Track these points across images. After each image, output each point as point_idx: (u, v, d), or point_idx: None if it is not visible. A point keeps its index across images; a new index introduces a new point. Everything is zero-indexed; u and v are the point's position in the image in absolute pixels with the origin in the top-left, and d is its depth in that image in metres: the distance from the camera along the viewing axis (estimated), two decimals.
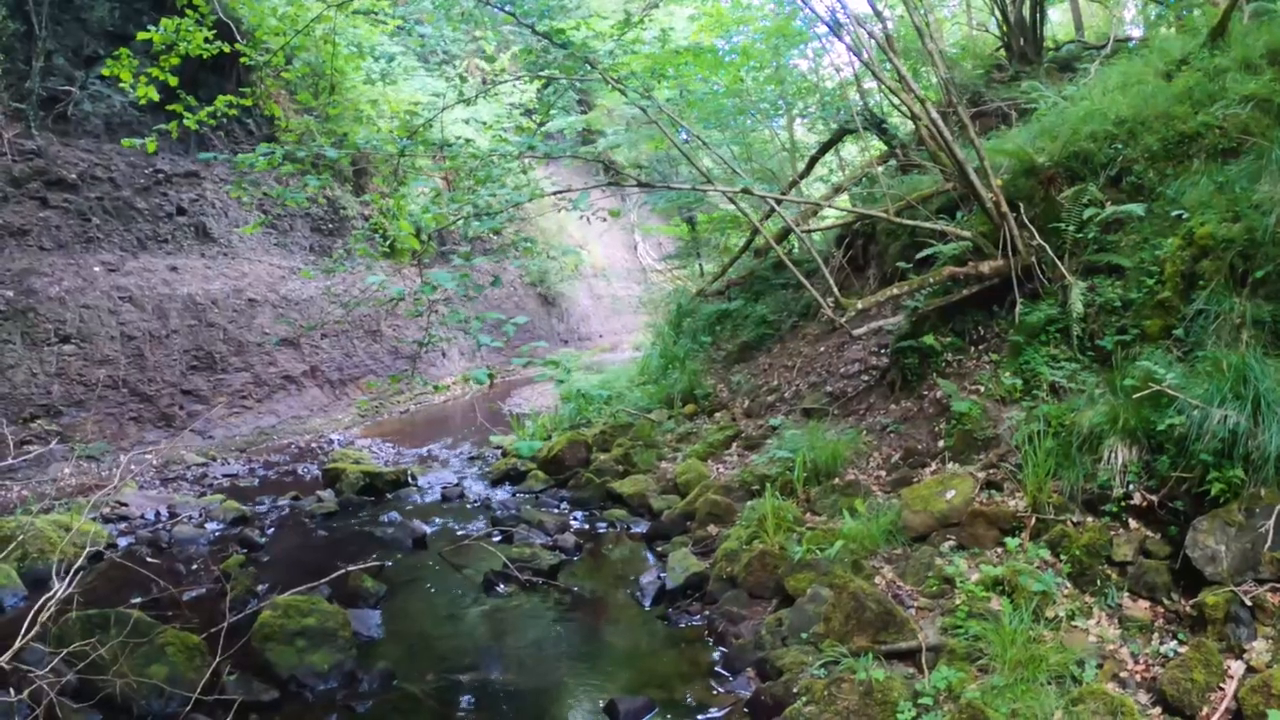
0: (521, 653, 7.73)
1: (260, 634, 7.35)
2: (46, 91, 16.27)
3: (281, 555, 10.51)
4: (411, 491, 13.14)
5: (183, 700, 6.61)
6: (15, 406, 14.18)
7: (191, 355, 17.24)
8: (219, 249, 18.87)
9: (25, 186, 15.66)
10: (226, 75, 17.71)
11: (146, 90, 9.78)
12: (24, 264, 15.21)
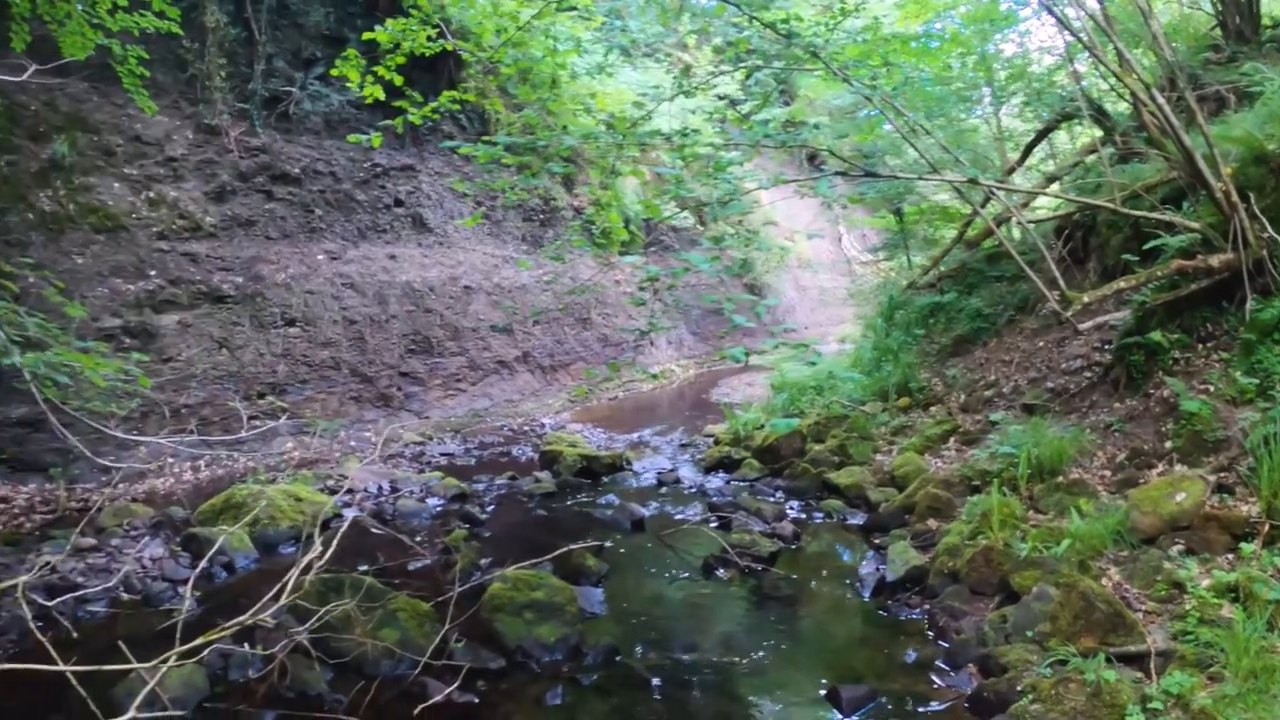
0: (741, 636, 7.65)
1: (490, 605, 7.50)
2: (268, 92, 17.15)
3: (502, 532, 10.66)
4: (627, 476, 13.18)
5: (412, 663, 6.80)
6: (244, 384, 14.94)
7: (409, 339, 17.76)
8: (435, 238, 19.41)
9: (252, 181, 16.52)
10: (439, 73, 18.12)
11: (373, 90, 10.01)
12: (252, 252, 16.02)
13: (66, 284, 12.66)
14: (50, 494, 11.46)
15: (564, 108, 20.45)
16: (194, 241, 15.32)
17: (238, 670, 6.87)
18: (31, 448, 11.96)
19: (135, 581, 8.98)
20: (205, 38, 16.03)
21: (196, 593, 8.35)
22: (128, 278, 14.14)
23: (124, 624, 8.09)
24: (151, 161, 15.27)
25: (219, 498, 10.71)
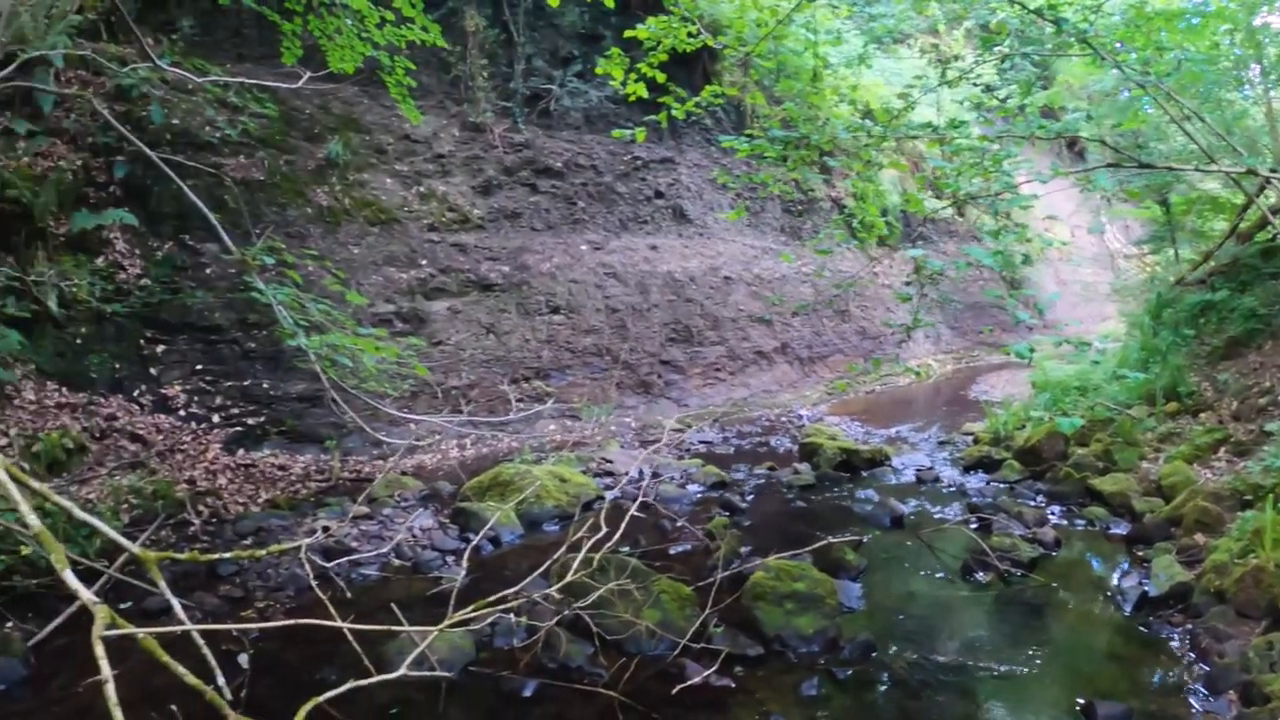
0: (997, 641, 7.39)
1: (751, 592, 7.48)
2: (529, 90, 17.67)
3: (761, 521, 10.59)
4: (885, 471, 12.88)
5: (671, 645, 6.85)
6: (510, 368, 15.46)
7: (670, 328, 17.92)
8: (695, 229, 19.53)
9: (516, 175, 17.07)
10: (693, 67, 18.20)
11: (636, 88, 10.08)
12: (518, 243, 16.54)
13: (344, 272, 13.37)
14: (325, 464, 12.18)
15: (824, 100, 20.22)
16: (462, 233, 15.94)
17: (503, 638, 7.12)
18: (309, 421, 12.76)
19: (406, 549, 9.41)
20: (466, 41, 16.68)
21: (464, 564, 8.67)
22: (400, 267, 14.83)
23: (394, 588, 8.46)
24: (421, 158, 15.97)
25: (487, 475, 11.05)
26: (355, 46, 11.62)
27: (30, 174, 12.06)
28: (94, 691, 6.41)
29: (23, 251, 11.71)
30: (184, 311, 12.45)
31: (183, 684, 4.99)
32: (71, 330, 11.70)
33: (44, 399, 11.03)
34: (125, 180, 12.81)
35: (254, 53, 14.33)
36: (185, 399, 12.02)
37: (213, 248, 12.69)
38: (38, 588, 7.86)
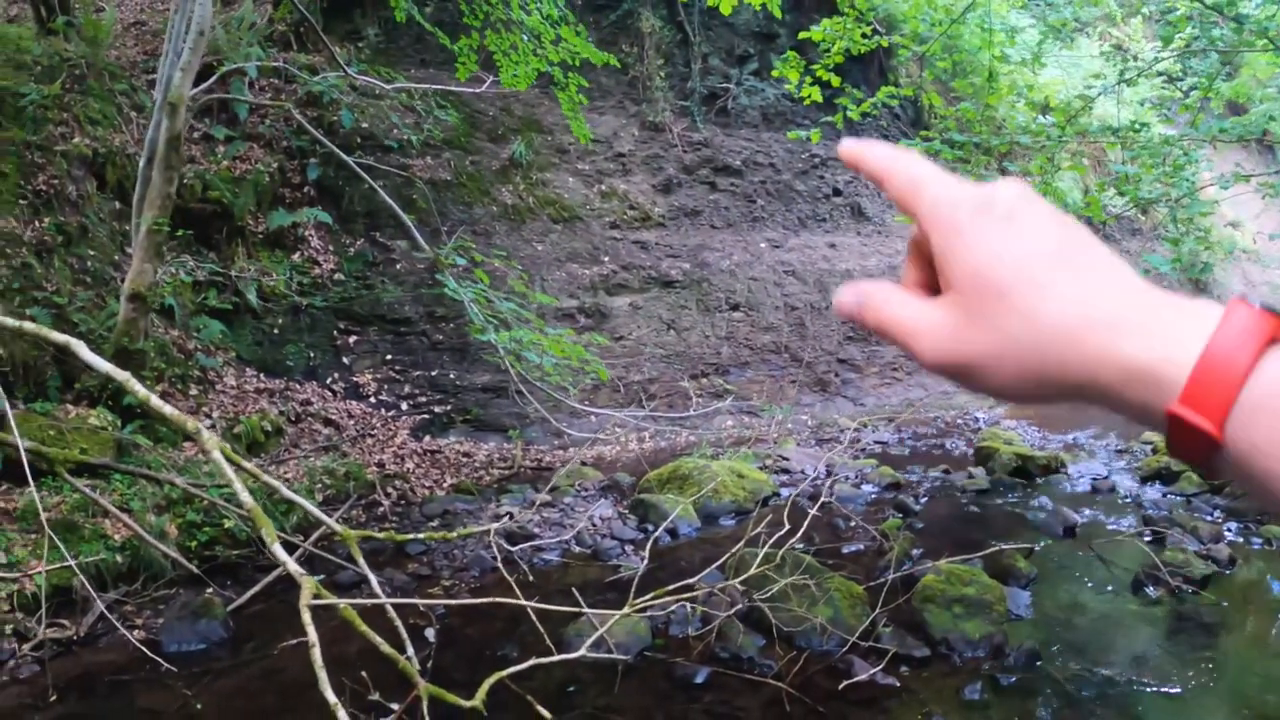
0: (1164, 659, 7.14)
1: (921, 595, 7.43)
2: (706, 89, 17.80)
3: (933, 524, 10.46)
4: (1061, 479, 12.52)
5: (840, 641, 6.84)
6: (689, 364, 15.57)
7: (848, 326, 17.78)
8: (873, 227, 19.36)
9: (696, 173, 17.21)
10: (869, 63, 18.05)
11: (811, 91, 10.08)
12: (698, 240, 16.67)
13: (528, 269, 13.73)
14: (507, 453, 12.51)
15: (1001, 100, 19.78)
16: (644, 230, 16.18)
17: (678, 627, 7.26)
18: (493, 411, 13.17)
19: (587, 537, 9.62)
20: (643, 42, 16.90)
21: (642, 553, 8.83)
22: (583, 263, 15.15)
23: (574, 574, 8.68)
24: (601, 158, 16.26)
25: (666, 468, 11.17)
26: (530, 63, 11.88)
27: (230, 176, 12.78)
28: (287, 654, 6.83)
29: (224, 248, 12.44)
30: (375, 304, 13.06)
31: (372, 653, 5.24)
32: (269, 321, 12.42)
33: (244, 384, 11.68)
34: (318, 181, 13.48)
35: (436, 58, 14.83)
36: (375, 387, 12.58)
37: (402, 244, 13.23)
38: (237, 558, 8.57)
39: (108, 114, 12.44)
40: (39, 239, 10.59)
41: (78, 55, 12.35)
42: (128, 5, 15.95)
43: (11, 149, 10.79)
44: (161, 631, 7.40)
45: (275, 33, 15.12)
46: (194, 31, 9.93)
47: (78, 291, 10.70)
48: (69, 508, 8.14)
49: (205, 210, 12.35)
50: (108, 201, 11.90)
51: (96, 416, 9.38)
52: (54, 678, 6.78)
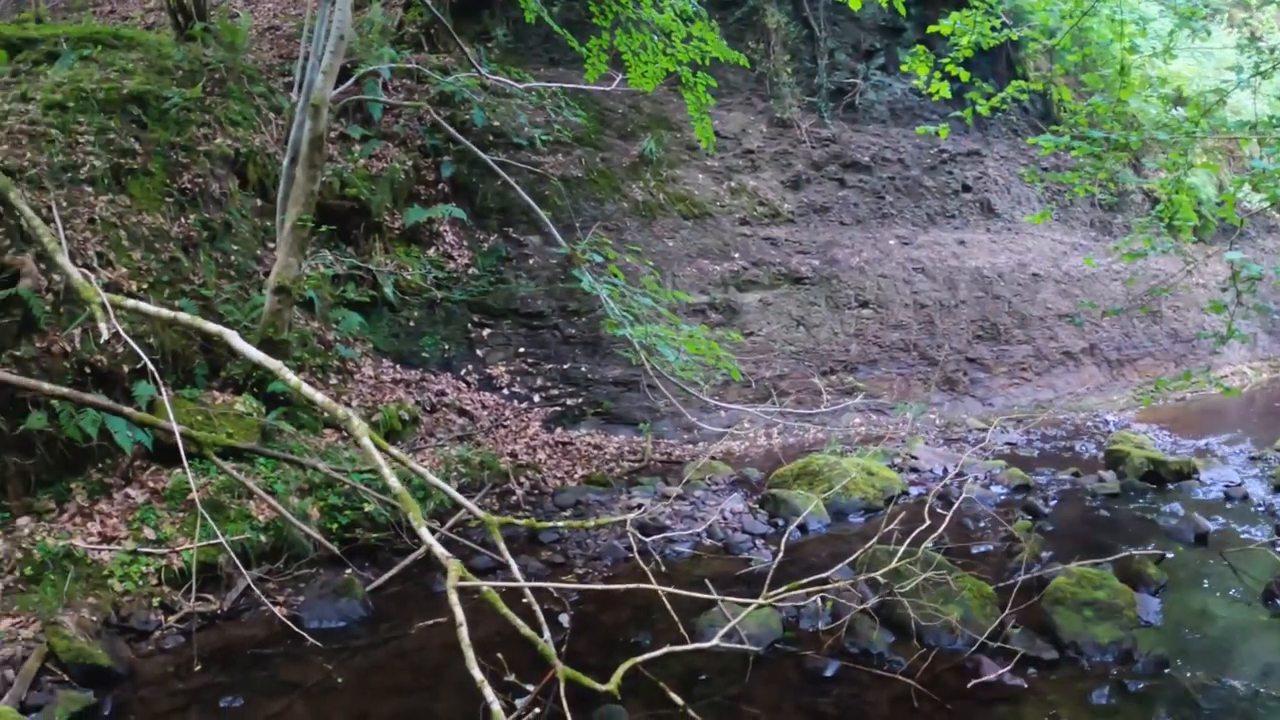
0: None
1: (1051, 597, 7.35)
2: (833, 85, 17.74)
3: (1063, 527, 10.31)
4: (1192, 485, 12.18)
5: (969, 641, 6.86)
6: (818, 360, 15.55)
7: (977, 325, 17.58)
8: (1002, 224, 19.09)
9: (824, 169, 17.22)
10: (996, 56, 17.81)
11: (939, 87, 10.00)
12: (827, 237, 16.67)
13: (659, 265, 13.88)
14: (637, 446, 12.64)
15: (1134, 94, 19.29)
16: (773, 226, 16.22)
17: (808, 620, 7.35)
18: (624, 404, 13.34)
19: (718, 531, 9.69)
20: (769, 38, 16.90)
21: (772, 547, 8.93)
22: (713, 259, 15.25)
23: (705, 566, 8.76)
24: (730, 154, 16.33)
25: (796, 464, 11.19)
26: (659, 62, 11.95)
27: (367, 174, 13.18)
28: (423, 634, 7.27)
29: (362, 243, 12.84)
30: (508, 298, 13.34)
31: (506, 636, 5.54)
32: (405, 314, 12.79)
33: (381, 375, 12.03)
34: (452, 178, 13.83)
35: (565, 57, 14.99)
36: (508, 379, 12.85)
37: (535, 240, 13.49)
38: (376, 541, 8.89)
39: (247, 115, 12.93)
40: (185, 234, 11.06)
41: (216, 60, 12.88)
42: (260, 11, 16.49)
43: (157, 149, 11.27)
44: (303, 609, 7.74)
45: (405, 35, 15.52)
46: (334, 36, 10.27)
47: (223, 284, 11.15)
48: (215, 489, 8.51)
49: (344, 207, 12.75)
50: (249, 199, 12.37)
51: (242, 403, 9.76)
52: (198, 649, 7.13)
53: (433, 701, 6.47)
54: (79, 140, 10.64)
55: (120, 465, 9.07)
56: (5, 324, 8.63)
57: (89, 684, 6.62)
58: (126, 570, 7.86)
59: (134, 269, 10.18)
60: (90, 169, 10.46)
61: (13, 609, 7.35)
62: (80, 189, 10.28)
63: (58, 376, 8.74)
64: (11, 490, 8.49)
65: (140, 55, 12.35)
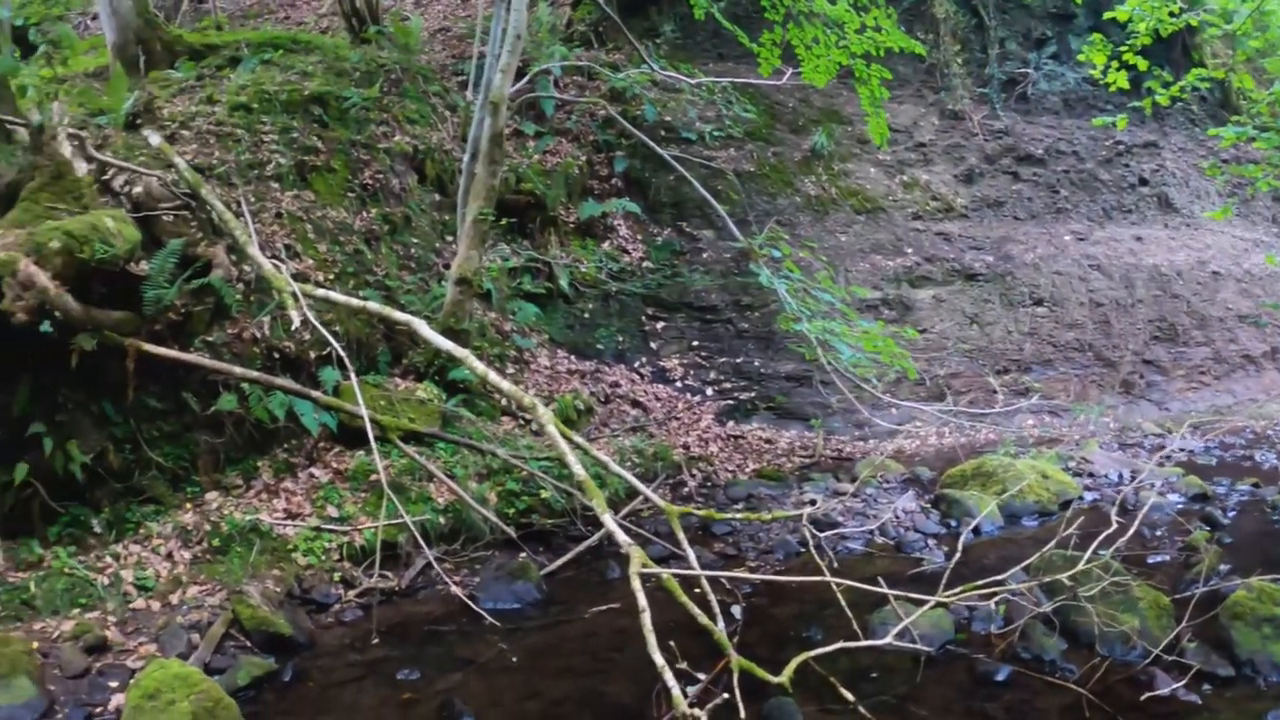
0: None
1: (1229, 611, 7.09)
2: (1004, 75, 17.47)
3: (1242, 540, 9.92)
4: None
5: (1144, 652, 6.70)
6: (991, 359, 15.33)
7: (1154, 325, 17.06)
8: (1181, 219, 18.50)
9: (997, 162, 16.95)
10: (1171, 43, 17.26)
11: (1116, 77, 9.78)
12: (1001, 232, 16.42)
13: (832, 260, 13.88)
14: (808, 441, 12.62)
15: None
16: (946, 221, 16.06)
17: (980, 623, 7.31)
18: (796, 400, 13.39)
19: (890, 529, 9.68)
20: (938, 28, 16.68)
21: (944, 547, 8.97)
22: (886, 255, 15.19)
23: (876, 564, 8.77)
24: (902, 147, 16.22)
25: (969, 464, 11.11)
26: (832, 55, 11.89)
27: (541, 169, 13.54)
28: (596, 619, 7.51)
29: (538, 236, 13.20)
30: (682, 292, 13.52)
31: (677, 624, 5.72)
32: (580, 306, 13.09)
33: (556, 365, 12.34)
34: (625, 173, 14.09)
35: (734, 52, 15.05)
36: (682, 372, 13.01)
37: (708, 234, 13.65)
38: (551, 526, 9.19)
39: (423, 113, 13.40)
40: (368, 228, 11.53)
41: (392, 61, 13.37)
42: (431, 13, 16.97)
43: (339, 147, 11.78)
44: (478, 589, 8.02)
45: (574, 33, 15.81)
46: (510, 36, 10.54)
47: (404, 276, 11.60)
48: (397, 471, 8.84)
49: (520, 201, 13.11)
50: (428, 193, 12.84)
51: (424, 390, 10.14)
52: (376, 623, 7.45)
53: (605, 684, 6.62)
54: (264, 139, 11.19)
55: (305, 446, 9.57)
56: (199, 311, 9.10)
57: (270, 651, 7.02)
58: (310, 545, 8.33)
59: (320, 260, 10.68)
60: (276, 166, 11.00)
61: (200, 577, 7.84)
62: (267, 185, 10.83)
63: (248, 361, 9.28)
64: (202, 467, 9.00)
65: (318, 58, 12.92)
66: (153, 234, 8.97)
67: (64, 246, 7.73)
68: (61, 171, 8.63)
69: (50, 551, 7.88)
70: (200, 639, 7.06)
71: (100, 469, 8.33)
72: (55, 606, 7.39)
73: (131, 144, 9.88)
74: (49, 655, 6.78)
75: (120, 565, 7.90)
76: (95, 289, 8.15)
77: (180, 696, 5.82)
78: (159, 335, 8.67)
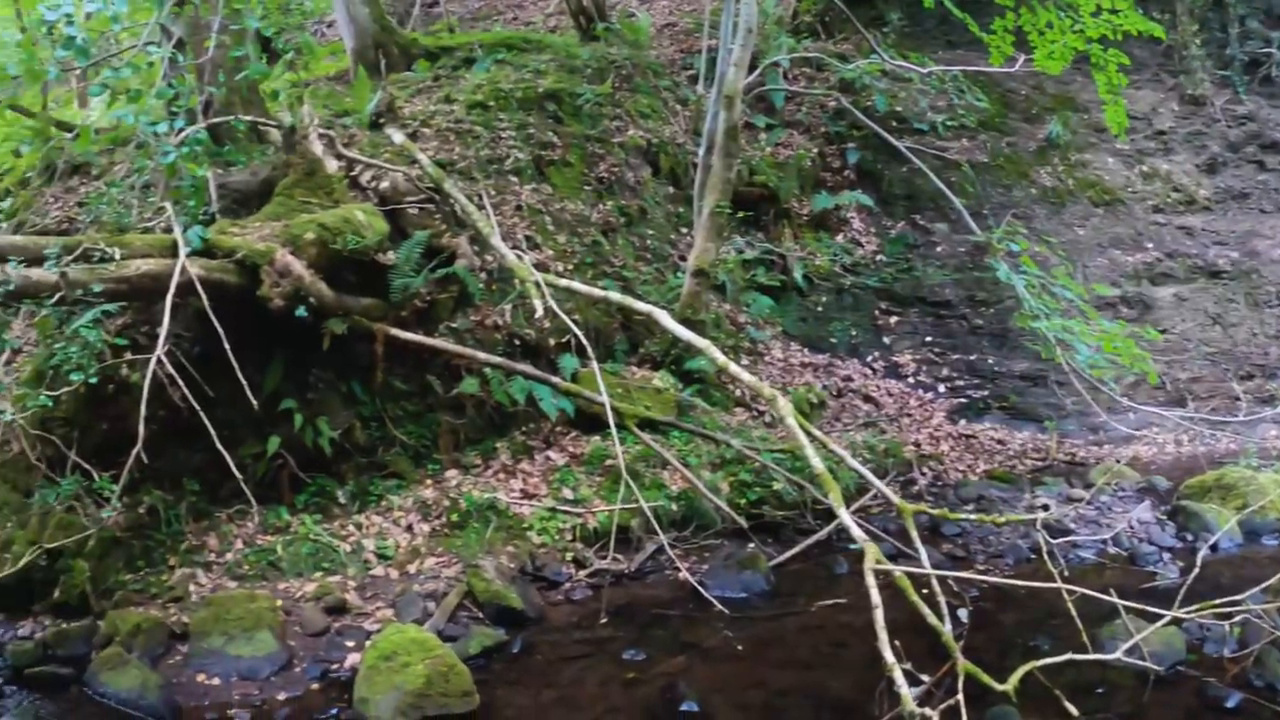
0: None
1: None
2: (1246, 56, 16.47)
3: None
4: None
5: None
6: (1235, 363, 14.55)
7: None
8: None
9: (1241, 150, 16.10)
10: None
11: None
12: (1246, 226, 15.59)
13: (1068, 255, 13.53)
14: (1041, 443, 12.36)
15: None
16: (1188, 215, 15.36)
17: (1213, 645, 7.02)
18: (1029, 400, 13.09)
19: (1123, 539, 9.41)
20: (1174, 7, 15.93)
21: (1179, 562, 8.74)
22: (1125, 250, 14.68)
23: (1108, 576, 8.58)
24: (1141, 135, 15.58)
25: (1210, 475, 10.59)
26: (1066, 40, 11.53)
27: (774, 162, 13.71)
28: (822, 613, 7.62)
29: (771, 229, 13.29)
30: (915, 286, 13.45)
31: (900, 622, 5.66)
32: (813, 299, 13.20)
33: (789, 358, 12.50)
34: (857, 165, 14.10)
35: (963, 39, 14.63)
36: (914, 368, 12.94)
37: (942, 227, 13.53)
38: (781, 519, 9.32)
39: (655, 108, 13.71)
40: (604, 220, 11.95)
41: (621, 57, 13.71)
42: (656, 9, 17.19)
43: (574, 142, 12.25)
44: (707, 576, 8.23)
45: (801, 24, 15.80)
46: (742, 29, 10.71)
47: (640, 267, 11.96)
48: (632, 458, 9.07)
49: (753, 194, 13.28)
50: (662, 186, 13.17)
51: (660, 379, 10.46)
52: (605, 603, 7.76)
53: (829, 679, 6.73)
54: (501, 135, 11.72)
55: (543, 430, 10.07)
56: (443, 299, 9.75)
57: (500, 623, 7.43)
58: (544, 525, 8.79)
59: (559, 251, 11.14)
60: (514, 161, 11.52)
61: (437, 550, 8.42)
62: (506, 179, 11.35)
63: (490, 347, 9.84)
64: (443, 445, 9.63)
65: (550, 56, 13.41)
66: (399, 226, 9.61)
67: (318, 237, 8.39)
68: (314, 168, 9.29)
69: (297, 518, 8.67)
70: (435, 608, 7.57)
71: (347, 444, 9.08)
72: (299, 569, 8.14)
73: (376, 142, 10.55)
74: (291, 614, 7.49)
75: (362, 534, 8.59)
76: (345, 277, 8.88)
77: (415, 660, 6.29)
78: (405, 321, 9.32)
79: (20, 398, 7.89)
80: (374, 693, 6.16)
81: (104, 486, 7.29)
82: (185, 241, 7.84)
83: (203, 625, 7.14)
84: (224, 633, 7.01)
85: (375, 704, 6.11)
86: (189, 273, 7.55)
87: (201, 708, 6.51)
